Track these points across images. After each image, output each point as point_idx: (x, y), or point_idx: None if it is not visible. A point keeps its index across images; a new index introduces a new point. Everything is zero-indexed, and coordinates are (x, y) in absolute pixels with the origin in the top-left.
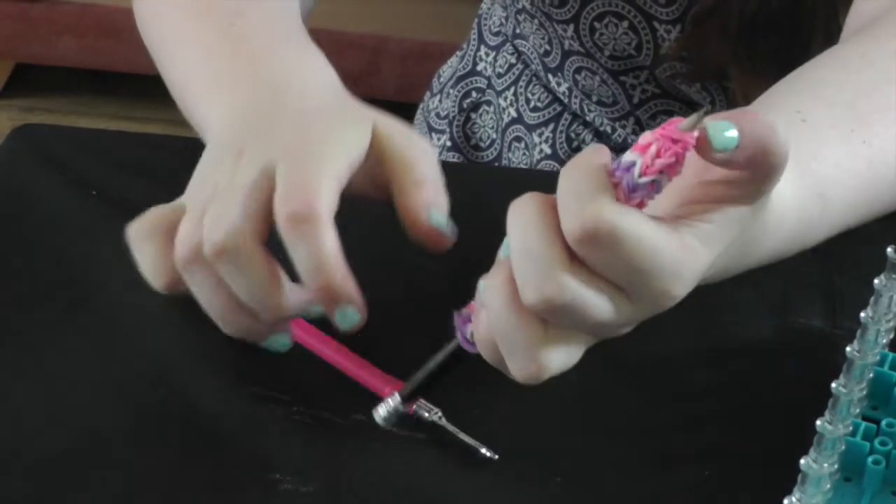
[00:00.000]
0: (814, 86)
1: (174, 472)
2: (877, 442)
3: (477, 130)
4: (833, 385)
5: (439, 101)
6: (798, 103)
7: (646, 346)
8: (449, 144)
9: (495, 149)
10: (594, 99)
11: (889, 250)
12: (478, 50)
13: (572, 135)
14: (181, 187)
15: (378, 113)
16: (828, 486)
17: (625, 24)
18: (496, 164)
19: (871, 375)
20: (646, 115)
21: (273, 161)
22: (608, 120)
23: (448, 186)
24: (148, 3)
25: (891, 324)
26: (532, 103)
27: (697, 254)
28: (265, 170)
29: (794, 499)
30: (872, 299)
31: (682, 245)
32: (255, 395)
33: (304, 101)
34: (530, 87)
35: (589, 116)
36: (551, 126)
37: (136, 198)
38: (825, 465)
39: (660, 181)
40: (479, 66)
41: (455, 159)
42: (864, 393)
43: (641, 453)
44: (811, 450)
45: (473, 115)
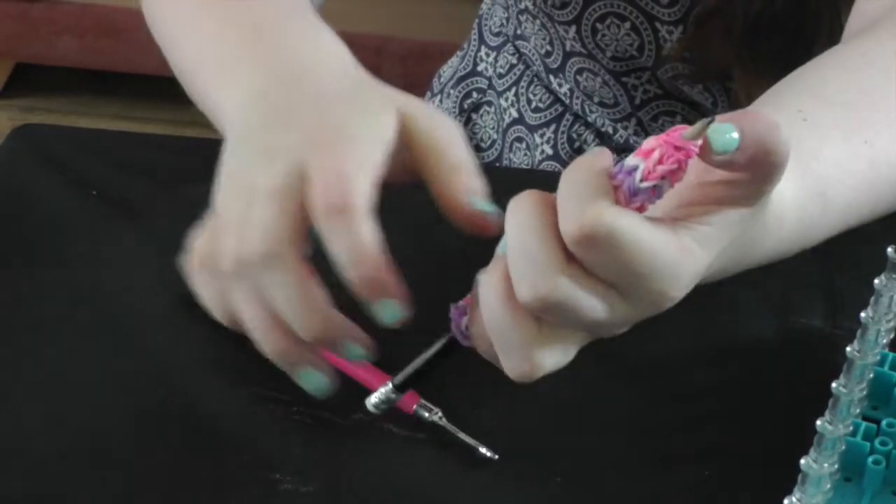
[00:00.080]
0: (815, 85)
1: (174, 472)
2: (877, 442)
3: (478, 131)
4: (833, 385)
5: (440, 101)
6: (799, 103)
7: (646, 346)
8: None
9: (496, 149)
10: (595, 100)
11: (889, 250)
12: (478, 50)
13: (574, 135)
14: (181, 187)
15: (398, 92)
16: (828, 486)
17: (627, 25)
18: (497, 164)
19: (872, 375)
20: (647, 117)
21: (303, 156)
22: (610, 121)
23: None
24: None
25: (891, 324)
26: (533, 104)
27: (695, 256)
28: (296, 168)
29: (794, 499)
30: (872, 299)
31: (680, 247)
32: (255, 395)
33: (322, 83)
34: (531, 87)
35: (590, 117)
36: (553, 127)
37: (136, 198)
38: (825, 465)
39: (661, 187)
40: (480, 67)
41: None
42: (865, 393)
43: (641, 453)
44: (811, 450)
45: (474, 116)
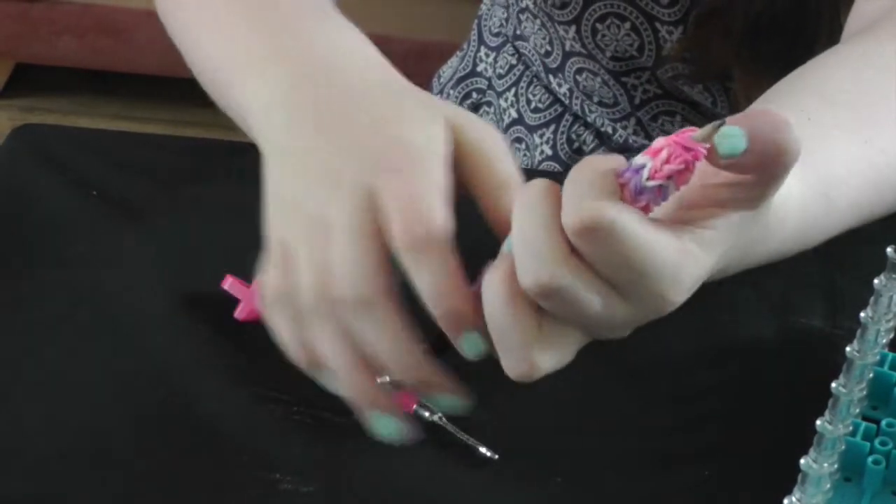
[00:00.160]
0: (818, 85)
1: (174, 472)
2: (877, 442)
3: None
4: (833, 385)
5: None
6: (803, 102)
7: (646, 346)
8: None
9: None
10: (595, 100)
11: (889, 250)
12: (478, 51)
13: (573, 136)
14: (181, 187)
15: (441, 100)
16: (828, 486)
17: (627, 25)
18: None
19: (871, 375)
20: (647, 116)
21: (371, 181)
22: (609, 121)
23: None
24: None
25: (891, 324)
26: (533, 104)
27: (697, 259)
28: (367, 197)
29: (794, 499)
30: (872, 299)
31: (682, 250)
32: (255, 395)
33: (359, 86)
34: (531, 88)
35: (590, 117)
36: (552, 127)
37: (136, 198)
38: (825, 465)
39: (667, 187)
40: (480, 67)
41: None
42: (864, 393)
43: (641, 453)
44: (811, 450)
45: None
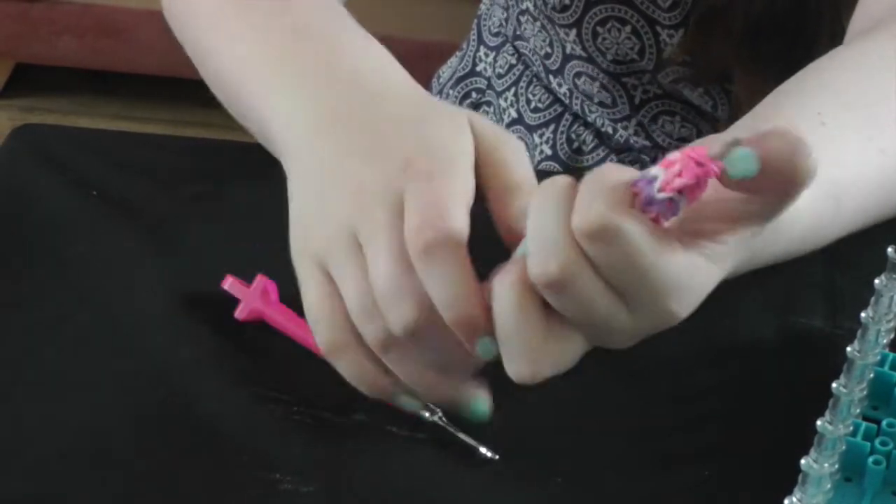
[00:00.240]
0: (831, 86)
1: (174, 472)
2: (877, 442)
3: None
4: (833, 385)
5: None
6: (817, 104)
7: (646, 346)
8: None
9: None
10: (595, 101)
11: (889, 250)
12: (477, 50)
13: (573, 135)
14: (181, 187)
15: (463, 109)
16: (828, 486)
17: (627, 28)
18: None
19: (872, 375)
20: (647, 117)
21: (400, 187)
22: (609, 121)
23: None
24: (184, 4)
25: (891, 324)
26: (533, 104)
27: (705, 273)
28: (399, 203)
29: (794, 499)
30: (873, 299)
31: (689, 264)
32: (255, 395)
33: (391, 97)
34: (531, 87)
35: (590, 117)
36: (552, 127)
37: (136, 198)
38: (825, 465)
39: (678, 202)
40: (479, 67)
41: None
42: (865, 393)
43: (641, 453)
44: (811, 450)
45: None
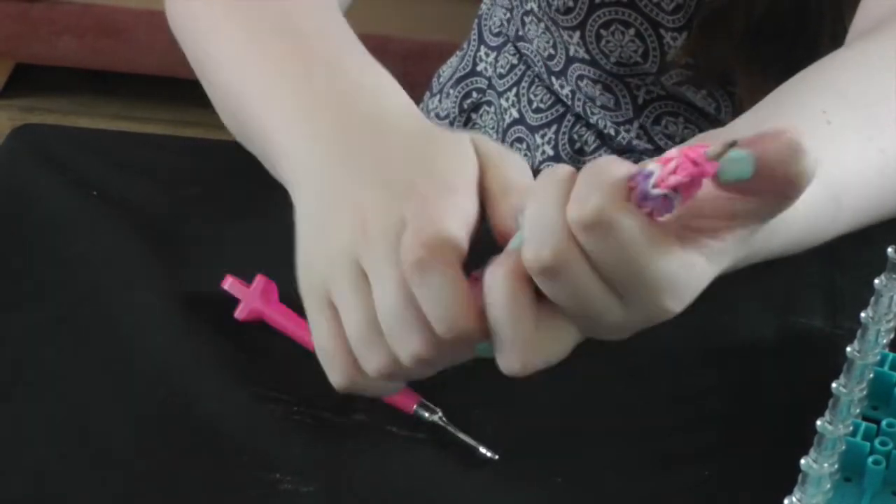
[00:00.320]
0: (835, 85)
1: (174, 472)
2: (877, 442)
3: (478, 131)
4: (833, 385)
5: (439, 101)
6: (822, 102)
7: (646, 346)
8: None
9: None
10: (598, 104)
11: (889, 250)
12: (478, 50)
13: (575, 136)
14: (181, 187)
15: (467, 132)
16: (828, 486)
17: (631, 31)
18: None
19: (872, 375)
20: (650, 119)
21: (402, 216)
22: (612, 122)
23: None
24: (187, 13)
25: (891, 324)
26: (535, 104)
27: (700, 270)
28: (401, 232)
29: (794, 499)
30: (873, 299)
31: (685, 260)
32: (255, 395)
33: (399, 130)
34: (533, 88)
35: (592, 118)
36: (554, 127)
37: (136, 198)
38: (825, 465)
39: (672, 199)
40: (480, 67)
41: None
42: (865, 393)
43: (641, 453)
44: (811, 450)
45: (474, 116)
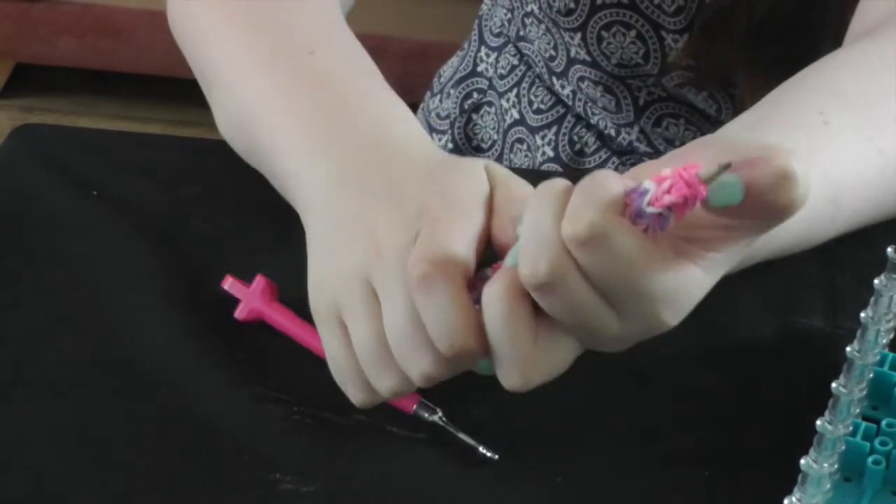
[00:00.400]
0: (833, 85)
1: (174, 472)
2: (877, 442)
3: (478, 131)
4: (833, 385)
5: (439, 101)
6: (820, 103)
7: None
8: (450, 146)
9: (496, 150)
10: (599, 105)
11: (889, 250)
12: (478, 51)
13: (575, 137)
14: (181, 187)
15: (480, 158)
16: (828, 486)
17: (632, 33)
18: None
19: (871, 375)
20: (651, 121)
21: (414, 238)
22: (612, 124)
23: None
24: (192, 26)
25: (891, 324)
26: (535, 105)
27: (697, 281)
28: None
29: (794, 499)
30: (872, 299)
31: (680, 273)
32: (255, 395)
33: (412, 156)
34: (533, 88)
35: (593, 119)
36: (554, 128)
37: (136, 198)
38: (825, 465)
39: (667, 217)
40: (480, 67)
41: None
42: (865, 393)
43: (641, 453)
44: (811, 450)
45: (474, 116)
